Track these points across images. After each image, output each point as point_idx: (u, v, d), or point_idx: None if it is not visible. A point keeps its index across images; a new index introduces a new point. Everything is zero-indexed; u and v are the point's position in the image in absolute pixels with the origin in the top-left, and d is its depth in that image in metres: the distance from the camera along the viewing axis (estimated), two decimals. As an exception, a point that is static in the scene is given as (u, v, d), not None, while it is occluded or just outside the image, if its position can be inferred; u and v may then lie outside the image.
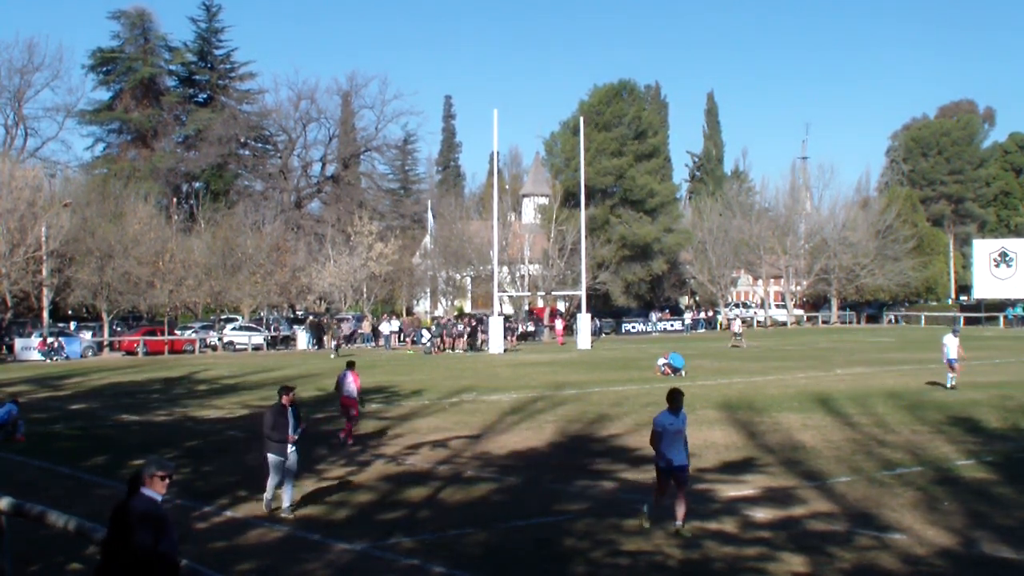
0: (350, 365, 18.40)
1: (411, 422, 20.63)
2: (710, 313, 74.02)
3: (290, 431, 12.37)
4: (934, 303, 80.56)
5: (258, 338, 54.35)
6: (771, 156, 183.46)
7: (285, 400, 12.55)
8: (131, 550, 6.24)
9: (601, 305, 69.32)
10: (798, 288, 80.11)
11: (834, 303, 79.56)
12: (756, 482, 13.59)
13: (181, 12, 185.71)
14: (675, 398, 11.52)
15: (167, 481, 6.48)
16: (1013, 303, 70.75)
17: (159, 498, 6.47)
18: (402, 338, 55.79)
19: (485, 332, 49.37)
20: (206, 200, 71.05)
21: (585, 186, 54.61)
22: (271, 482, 12.33)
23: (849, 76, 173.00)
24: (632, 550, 10.23)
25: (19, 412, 19.10)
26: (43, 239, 49.67)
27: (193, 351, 51.56)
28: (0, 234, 48.18)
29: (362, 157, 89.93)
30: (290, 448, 12.30)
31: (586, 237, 55.60)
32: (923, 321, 73.67)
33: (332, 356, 44.07)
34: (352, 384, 17.81)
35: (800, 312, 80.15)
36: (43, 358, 45.49)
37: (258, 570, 9.79)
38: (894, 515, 11.46)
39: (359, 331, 56.47)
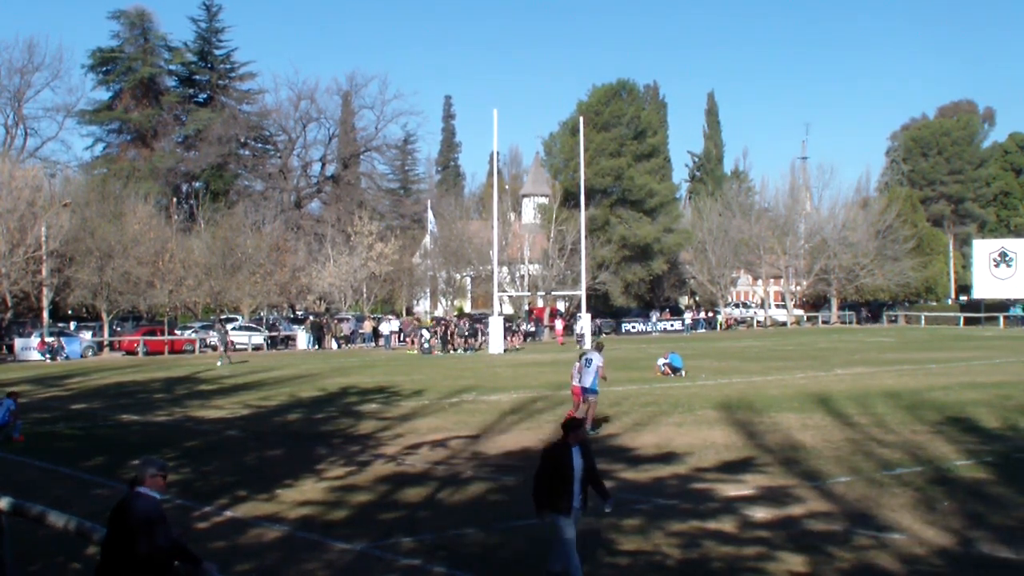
0: (581, 356, 19.46)
1: (411, 422, 20.63)
2: (710, 313, 74.04)
3: (574, 484, 8.65)
4: (934, 303, 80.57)
5: (258, 338, 54.37)
6: (771, 156, 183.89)
7: (571, 438, 8.83)
8: (135, 551, 6.29)
9: (601, 305, 69.33)
10: (798, 288, 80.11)
11: (834, 303, 79.57)
12: (755, 482, 13.60)
13: (181, 12, 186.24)
14: None
15: (166, 480, 6.64)
16: (1013, 303, 70.78)
17: (159, 497, 6.55)
18: (402, 338, 55.82)
19: (480, 334, 49.52)
20: (206, 200, 71.09)
21: (585, 186, 54.63)
22: (565, 555, 8.59)
23: (849, 76, 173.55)
24: (631, 550, 10.25)
25: (17, 408, 18.93)
26: (43, 239, 49.69)
27: (193, 351, 51.56)
28: (0, 234, 48.20)
29: (362, 157, 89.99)
30: (575, 503, 8.69)
31: (586, 237, 55.63)
32: (923, 321, 73.71)
33: (220, 363, 38.78)
34: (579, 375, 18.86)
35: (800, 312, 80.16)
36: (43, 358, 45.51)
37: (258, 570, 9.80)
38: (893, 515, 11.47)
39: (359, 331, 56.56)
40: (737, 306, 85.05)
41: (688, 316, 70.12)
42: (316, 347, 53.61)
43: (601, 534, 10.89)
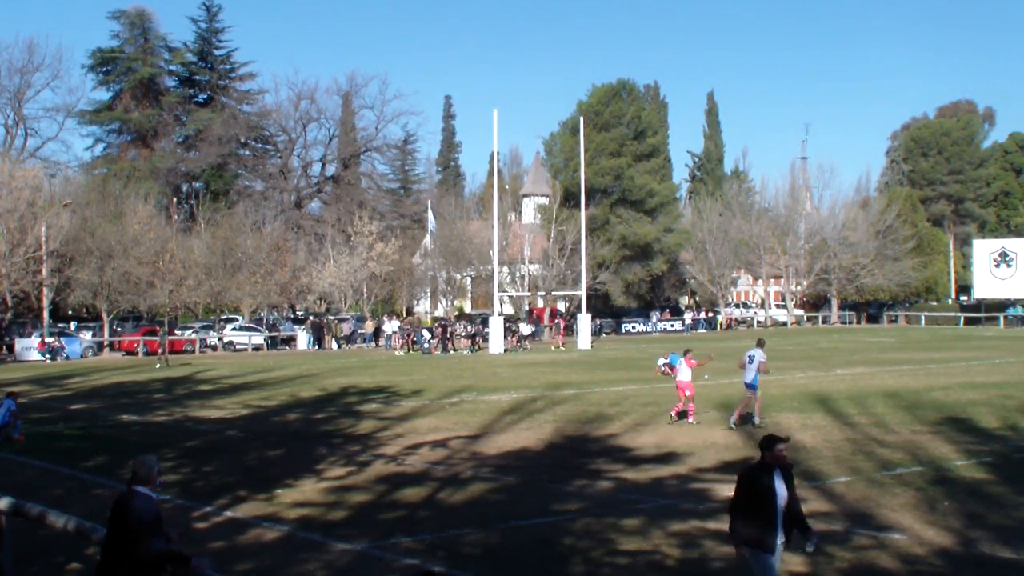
0: (685, 352, 20.31)
1: (411, 422, 20.63)
2: (710, 313, 74.03)
3: (777, 514, 7.32)
4: (934, 303, 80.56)
5: (258, 338, 54.38)
6: (771, 156, 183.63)
7: (770, 456, 7.52)
8: (134, 552, 6.30)
9: (601, 305, 69.31)
10: (798, 288, 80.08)
11: (834, 303, 79.54)
12: (755, 482, 13.57)
13: (181, 12, 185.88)
14: None
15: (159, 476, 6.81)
16: (1013, 303, 70.76)
17: (155, 496, 6.60)
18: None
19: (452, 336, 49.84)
20: (206, 200, 71.09)
21: (585, 186, 54.64)
22: None
23: (849, 76, 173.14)
24: (631, 549, 10.25)
25: (16, 408, 18.96)
26: (43, 239, 49.67)
27: (193, 351, 51.55)
28: (0, 234, 48.20)
29: (362, 157, 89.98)
30: (778, 541, 7.37)
31: (586, 237, 55.61)
32: (923, 321, 73.69)
33: (158, 366, 38.80)
34: (687, 369, 19.73)
35: (800, 312, 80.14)
36: (43, 358, 45.50)
37: (258, 570, 9.80)
38: (893, 515, 11.48)
39: (360, 331, 56.53)
40: (737, 306, 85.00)
41: (688, 316, 70.07)
42: (316, 347, 53.59)
43: (601, 534, 10.90)
